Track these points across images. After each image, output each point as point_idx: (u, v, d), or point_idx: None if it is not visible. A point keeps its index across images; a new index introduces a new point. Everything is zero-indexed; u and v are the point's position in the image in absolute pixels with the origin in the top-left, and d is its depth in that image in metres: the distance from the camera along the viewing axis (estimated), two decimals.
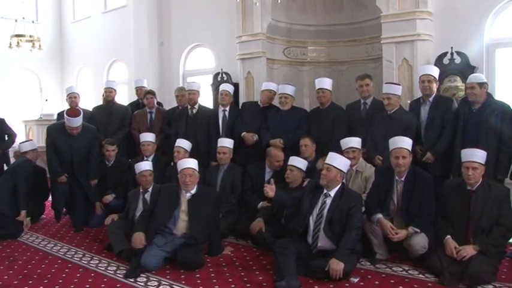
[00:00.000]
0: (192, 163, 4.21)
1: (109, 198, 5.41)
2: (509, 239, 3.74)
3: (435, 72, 4.47)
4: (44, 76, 10.04)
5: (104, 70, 9.30)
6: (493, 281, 3.37)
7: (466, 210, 3.56)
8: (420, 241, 3.70)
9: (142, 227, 4.04)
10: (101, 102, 7.01)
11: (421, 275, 3.59)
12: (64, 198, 5.40)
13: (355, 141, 4.41)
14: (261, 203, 4.66)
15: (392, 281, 3.50)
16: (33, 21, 8.55)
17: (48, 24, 9.86)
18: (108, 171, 5.56)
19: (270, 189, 3.89)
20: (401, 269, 3.74)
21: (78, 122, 5.09)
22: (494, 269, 3.43)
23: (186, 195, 4.12)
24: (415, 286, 3.39)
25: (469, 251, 3.42)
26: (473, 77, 4.19)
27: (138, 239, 3.96)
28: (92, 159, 5.31)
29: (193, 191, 4.14)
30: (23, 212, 5.12)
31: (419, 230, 3.71)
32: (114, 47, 8.91)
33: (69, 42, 10.16)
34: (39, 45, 8.20)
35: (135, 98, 6.95)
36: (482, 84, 4.09)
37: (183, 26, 7.80)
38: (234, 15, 6.58)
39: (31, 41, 8.11)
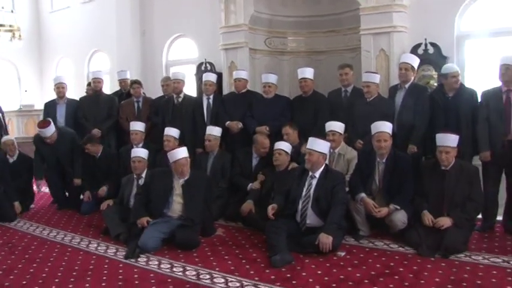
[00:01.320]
0: (183, 152, 4.38)
1: (104, 189, 5.50)
2: (479, 213, 4.14)
3: (413, 61, 4.78)
4: (22, 66, 9.98)
5: (85, 60, 9.30)
6: (464, 251, 3.73)
7: (441, 188, 3.92)
8: (400, 217, 4.05)
9: (144, 212, 4.24)
10: (82, 92, 7.13)
11: (401, 248, 3.93)
12: (59, 188, 5.56)
13: (336, 126, 4.71)
14: (250, 184, 4.93)
15: (375, 254, 3.83)
16: (12, 11, 8.47)
17: (25, 14, 9.75)
18: (97, 163, 5.67)
19: (272, 209, 4.11)
20: (382, 243, 4.08)
21: (49, 131, 5.52)
22: (466, 240, 3.82)
23: (180, 181, 4.33)
24: (396, 257, 3.73)
25: (445, 221, 3.78)
26: (452, 67, 4.53)
27: (145, 220, 4.18)
28: (75, 161, 5.70)
29: (186, 176, 4.36)
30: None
31: (399, 207, 4.06)
32: (95, 37, 8.91)
33: (48, 32, 10.09)
34: (19, 35, 8.17)
35: (117, 88, 7.04)
36: (459, 74, 4.47)
37: (165, 16, 7.90)
38: (217, 6, 6.73)
39: (11, 30, 8.08)
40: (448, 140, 3.91)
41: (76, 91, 8.36)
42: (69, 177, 5.74)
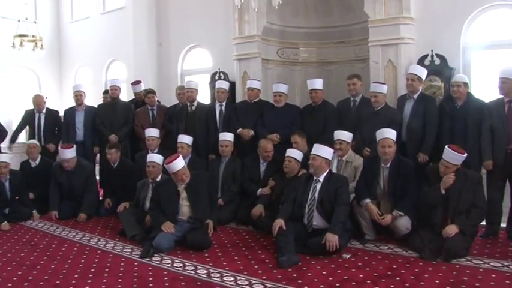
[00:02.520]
0: (180, 163, 4.52)
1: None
2: (483, 219, 4.26)
3: (420, 72, 4.93)
4: (43, 74, 10.32)
5: (103, 69, 9.60)
6: (465, 256, 3.86)
7: (446, 195, 4.05)
8: (404, 223, 4.21)
9: (164, 218, 4.46)
10: (100, 100, 7.40)
11: (404, 252, 4.07)
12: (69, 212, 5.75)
13: (343, 135, 4.86)
14: (260, 190, 5.12)
15: (379, 257, 3.98)
16: (35, 22, 8.83)
17: (46, 24, 10.10)
18: (113, 174, 5.83)
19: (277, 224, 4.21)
20: (387, 247, 4.22)
21: (70, 154, 5.62)
22: (468, 245, 3.93)
23: (183, 185, 4.54)
24: (399, 260, 3.87)
25: (453, 229, 3.89)
26: (460, 77, 4.70)
27: (169, 225, 4.39)
28: (88, 195, 5.72)
29: (187, 180, 4.56)
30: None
31: (403, 214, 4.20)
32: (113, 47, 9.22)
33: (68, 42, 10.44)
34: (41, 45, 8.51)
35: (133, 96, 7.29)
36: (466, 84, 4.62)
37: (181, 27, 8.17)
38: (231, 17, 6.99)
39: (33, 40, 8.42)
40: (454, 158, 3.99)
41: (94, 98, 8.63)
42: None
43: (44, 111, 6.75)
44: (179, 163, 4.49)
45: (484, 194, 4.23)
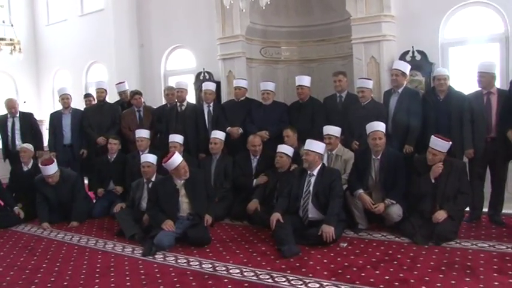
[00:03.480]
0: (178, 158, 4.64)
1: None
2: (469, 204, 4.52)
3: (404, 67, 5.17)
4: (20, 78, 10.16)
5: (83, 72, 9.52)
6: (454, 239, 4.11)
7: (435, 183, 4.27)
8: (396, 210, 4.43)
9: (164, 216, 4.51)
10: (80, 103, 7.32)
11: (397, 238, 4.29)
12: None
13: (332, 129, 5.06)
14: (255, 180, 5.31)
15: (374, 244, 4.19)
16: (11, 25, 8.68)
17: (22, 27, 9.92)
18: (111, 166, 5.94)
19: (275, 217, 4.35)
20: (380, 235, 4.43)
21: (51, 170, 5.39)
22: (456, 229, 4.20)
23: (181, 182, 4.63)
24: (394, 246, 4.09)
25: (442, 214, 4.13)
26: (442, 70, 4.95)
27: (169, 223, 4.44)
28: (77, 203, 5.57)
29: (187, 176, 4.65)
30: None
31: (394, 202, 4.42)
32: (92, 49, 9.15)
33: (44, 45, 10.30)
34: (19, 49, 8.39)
35: (116, 98, 7.26)
36: (448, 77, 4.89)
37: (163, 28, 8.19)
38: (214, 17, 7.07)
39: (11, 44, 8.29)
40: (440, 146, 4.23)
41: (74, 101, 8.56)
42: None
43: (17, 115, 6.60)
44: (178, 158, 4.60)
45: (468, 180, 4.49)
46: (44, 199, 5.53)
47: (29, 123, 6.71)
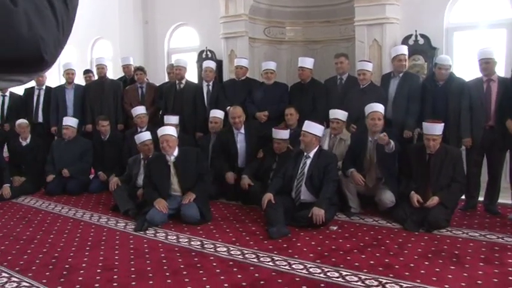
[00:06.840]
0: (170, 130, 4.69)
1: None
2: (463, 193, 4.49)
3: (407, 51, 5.12)
4: None
5: (88, 48, 9.51)
6: (446, 227, 4.09)
7: (427, 171, 4.26)
8: (389, 196, 4.41)
9: (158, 195, 4.52)
10: (82, 79, 7.35)
11: (388, 223, 4.29)
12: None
13: (340, 114, 5.00)
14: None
15: (364, 228, 4.19)
16: None
17: None
18: (105, 146, 6.00)
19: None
20: (372, 220, 4.44)
21: (71, 121, 6.01)
22: (448, 217, 4.16)
23: (171, 159, 4.62)
24: (384, 231, 4.08)
25: (434, 200, 4.10)
26: (446, 59, 4.82)
27: (162, 203, 4.44)
28: (81, 163, 5.98)
29: (175, 154, 4.64)
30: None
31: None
32: (98, 25, 9.07)
33: None
34: None
35: (120, 74, 7.33)
36: (451, 66, 4.81)
37: (167, 5, 8.10)
38: None
39: None
40: (435, 129, 4.20)
41: (80, 77, 8.59)
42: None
43: (7, 93, 6.60)
44: (168, 129, 4.69)
45: (464, 169, 4.45)
46: (51, 161, 5.95)
47: (18, 101, 6.71)
